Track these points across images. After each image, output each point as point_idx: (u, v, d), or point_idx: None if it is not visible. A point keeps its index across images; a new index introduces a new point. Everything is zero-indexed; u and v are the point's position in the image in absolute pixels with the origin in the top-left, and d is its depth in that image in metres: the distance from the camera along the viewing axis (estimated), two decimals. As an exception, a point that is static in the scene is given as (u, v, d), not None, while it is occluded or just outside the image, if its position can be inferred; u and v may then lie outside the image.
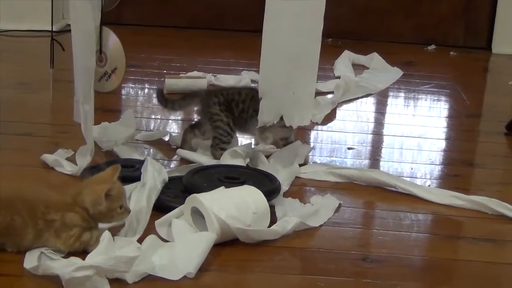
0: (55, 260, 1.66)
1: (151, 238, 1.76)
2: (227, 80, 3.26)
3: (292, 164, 2.30)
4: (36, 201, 1.71)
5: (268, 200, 1.92)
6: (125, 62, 2.61)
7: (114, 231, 1.78)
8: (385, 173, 2.31)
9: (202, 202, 1.81)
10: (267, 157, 2.35)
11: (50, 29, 2.72)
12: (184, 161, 2.35)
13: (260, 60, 2.29)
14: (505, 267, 1.85)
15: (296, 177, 2.25)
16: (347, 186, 2.23)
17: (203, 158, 2.30)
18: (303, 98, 2.29)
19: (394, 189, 2.22)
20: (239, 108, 2.37)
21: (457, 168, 2.47)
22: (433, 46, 4.24)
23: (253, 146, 2.40)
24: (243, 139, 2.49)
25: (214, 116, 2.36)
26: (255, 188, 1.92)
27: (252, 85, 2.79)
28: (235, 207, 1.83)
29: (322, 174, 2.27)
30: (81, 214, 1.73)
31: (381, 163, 2.51)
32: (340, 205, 2.08)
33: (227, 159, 2.25)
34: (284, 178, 2.17)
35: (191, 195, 1.86)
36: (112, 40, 2.60)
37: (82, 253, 1.69)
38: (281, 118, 2.30)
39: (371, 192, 2.22)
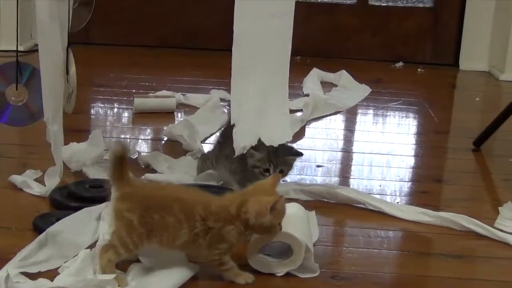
0: (21, 283, 1.64)
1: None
2: (196, 99, 3.26)
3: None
4: (194, 204, 1.71)
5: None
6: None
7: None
8: (354, 190, 2.32)
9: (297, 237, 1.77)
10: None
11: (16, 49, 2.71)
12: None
13: (231, 84, 2.26)
14: (474, 283, 1.86)
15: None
16: (317, 204, 2.24)
17: (171, 178, 2.30)
18: (279, 116, 2.28)
19: (364, 206, 2.23)
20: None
21: (426, 185, 2.49)
22: (401, 63, 4.28)
23: None
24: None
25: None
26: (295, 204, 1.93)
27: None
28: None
29: (291, 193, 2.28)
30: (239, 229, 1.71)
31: (350, 180, 2.52)
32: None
33: (202, 180, 2.26)
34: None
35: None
36: (73, 62, 2.61)
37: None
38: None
39: (340, 209, 2.23)
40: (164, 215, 1.70)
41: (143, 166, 2.46)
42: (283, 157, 2.19)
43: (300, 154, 2.26)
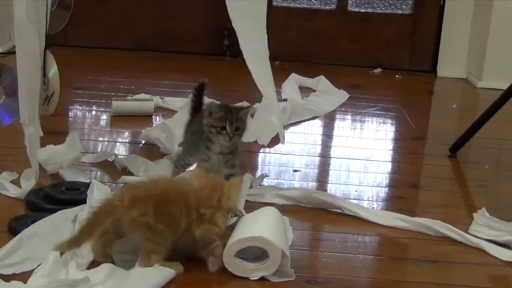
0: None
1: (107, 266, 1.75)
2: (174, 102, 3.25)
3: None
4: (188, 194, 1.81)
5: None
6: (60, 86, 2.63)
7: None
8: (330, 195, 2.33)
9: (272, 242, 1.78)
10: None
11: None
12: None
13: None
14: (447, 288, 1.88)
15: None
16: (293, 209, 2.24)
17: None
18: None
19: (340, 211, 2.24)
20: None
21: (402, 190, 2.50)
22: (379, 69, 4.29)
23: None
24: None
25: None
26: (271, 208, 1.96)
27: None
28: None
29: (268, 197, 2.28)
30: (225, 216, 1.84)
31: (327, 185, 2.53)
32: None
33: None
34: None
35: (250, 236, 1.79)
36: (53, 64, 2.61)
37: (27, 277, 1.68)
38: None
39: (316, 214, 2.23)
40: (169, 208, 1.77)
41: (120, 169, 2.45)
42: (237, 113, 2.24)
43: (250, 106, 2.33)
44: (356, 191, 2.47)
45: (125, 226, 1.75)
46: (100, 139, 2.84)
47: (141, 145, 2.77)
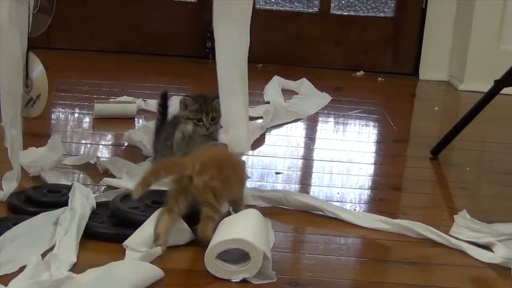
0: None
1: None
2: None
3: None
4: (238, 163, 2.08)
5: (193, 224, 1.95)
6: (48, 88, 2.61)
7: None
8: (312, 197, 2.33)
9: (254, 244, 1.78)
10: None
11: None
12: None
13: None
14: (429, 290, 1.88)
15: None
16: (275, 211, 2.25)
17: (130, 184, 2.29)
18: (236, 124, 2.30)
19: (322, 213, 2.24)
20: None
21: (384, 193, 2.51)
22: (361, 72, 4.31)
23: None
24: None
25: None
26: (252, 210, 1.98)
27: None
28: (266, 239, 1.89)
29: (250, 199, 2.28)
30: None
31: (310, 187, 2.53)
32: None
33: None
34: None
35: (233, 238, 1.80)
36: (38, 66, 2.60)
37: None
38: None
39: (298, 216, 2.24)
40: (230, 174, 1.98)
41: (102, 171, 2.45)
42: (211, 104, 2.30)
43: None
44: (339, 193, 2.48)
45: (196, 190, 1.91)
46: (83, 141, 2.84)
47: (123, 147, 2.77)
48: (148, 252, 1.83)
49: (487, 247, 2.08)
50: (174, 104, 3.19)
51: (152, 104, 3.25)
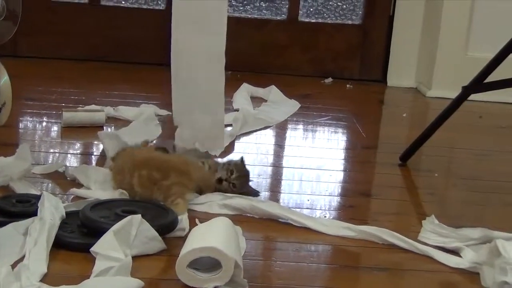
0: None
1: None
2: (128, 111, 3.24)
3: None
4: None
5: (164, 234, 1.97)
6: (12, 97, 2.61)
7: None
8: (278, 206, 2.33)
9: (226, 253, 1.79)
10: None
11: None
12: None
13: (172, 92, 2.35)
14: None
15: (190, 210, 2.25)
16: (244, 218, 2.25)
17: (98, 193, 2.29)
18: (212, 127, 2.45)
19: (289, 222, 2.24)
20: None
21: (353, 199, 2.53)
22: (330, 79, 4.32)
23: None
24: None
25: None
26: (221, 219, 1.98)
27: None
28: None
29: (215, 207, 2.29)
30: None
31: (280, 195, 2.54)
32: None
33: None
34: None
35: (202, 247, 1.81)
36: (3, 75, 2.59)
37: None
38: None
39: (268, 224, 2.24)
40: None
41: (69, 179, 2.44)
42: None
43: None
44: (308, 200, 2.49)
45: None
46: (51, 150, 2.82)
47: (92, 156, 2.76)
48: (121, 265, 1.82)
49: (454, 251, 2.10)
50: (147, 112, 3.21)
51: (123, 111, 3.24)
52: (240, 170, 2.44)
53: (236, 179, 2.41)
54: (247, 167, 2.49)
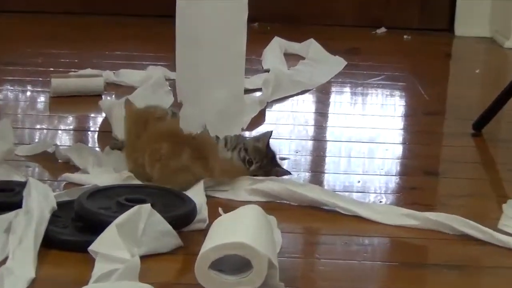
0: None
1: None
2: (131, 76, 3.24)
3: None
4: None
5: (180, 228, 1.97)
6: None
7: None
8: (320, 189, 2.31)
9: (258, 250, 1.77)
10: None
11: None
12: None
13: (176, 57, 2.30)
14: (476, 299, 1.88)
15: (211, 197, 2.25)
16: (279, 206, 2.24)
17: (97, 178, 2.28)
18: (230, 100, 2.31)
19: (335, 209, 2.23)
20: None
21: (416, 179, 2.51)
22: (382, 29, 4.32)
23: None
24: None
25: None
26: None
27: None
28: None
29: (243, 193, 2.28)
30: None
31: (324, 175, 2.54)
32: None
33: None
34: (201, 199, 2.17)
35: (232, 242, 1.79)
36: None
37: None
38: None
39: (309, 212, 2.22)
40: None
41: (61, 161, 2.44)
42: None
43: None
44: (359, 181, 2.48)
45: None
46: (38, 126, 2.84)
47: (89, 132, 2.76)
48: (126, 267, 1.81)
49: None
50: (155, 76, 3.21)
51: (126, 75, 3.24)
52: (259, 156, 2.42)
53: (257, 169, 2.40)
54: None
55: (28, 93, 3.20)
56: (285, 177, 2.40)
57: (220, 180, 2.30)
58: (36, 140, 2.67)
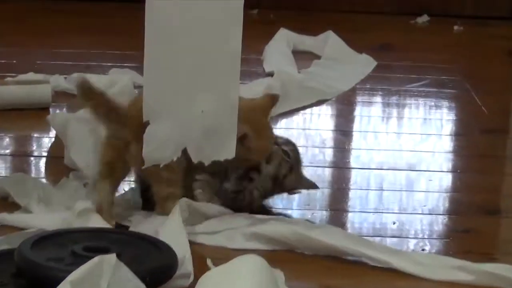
0: None
1: None
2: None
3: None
4: None
5: (156, 285, 1.98)
6: None
7: None
8: (342, 233, 2.33)
9: None
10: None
11: None
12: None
13: (144, 55, 2.30)
14: None
15: (196, 243, 2.27)
16: (285, 257, 2.25)
17: (44, 220, 2.30)
18: (221, 115, 2.32)
19: (362, 260, 2.24)
20: None
21: (470, 219, 2.53)
22: (425, 18, 4.34)
23: None
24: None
25: None
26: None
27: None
28: None
29: (239, 238, 2.29)
30: None
31: (347, 215, 2.56)
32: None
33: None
34: (184, 247, 2.18)
35: None
36: None
37: None
38: None
39: (326, 265, 2.23)
40: None
41: (-1, 198, 2.47)
42: None
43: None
44: (395, 222, 2.49)
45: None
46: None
47: (32, 158, 2.78)
48: None
49: None
50: (122, 81, 3.22)
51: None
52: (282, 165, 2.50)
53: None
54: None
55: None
56: (298, 218, 2.42)
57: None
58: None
